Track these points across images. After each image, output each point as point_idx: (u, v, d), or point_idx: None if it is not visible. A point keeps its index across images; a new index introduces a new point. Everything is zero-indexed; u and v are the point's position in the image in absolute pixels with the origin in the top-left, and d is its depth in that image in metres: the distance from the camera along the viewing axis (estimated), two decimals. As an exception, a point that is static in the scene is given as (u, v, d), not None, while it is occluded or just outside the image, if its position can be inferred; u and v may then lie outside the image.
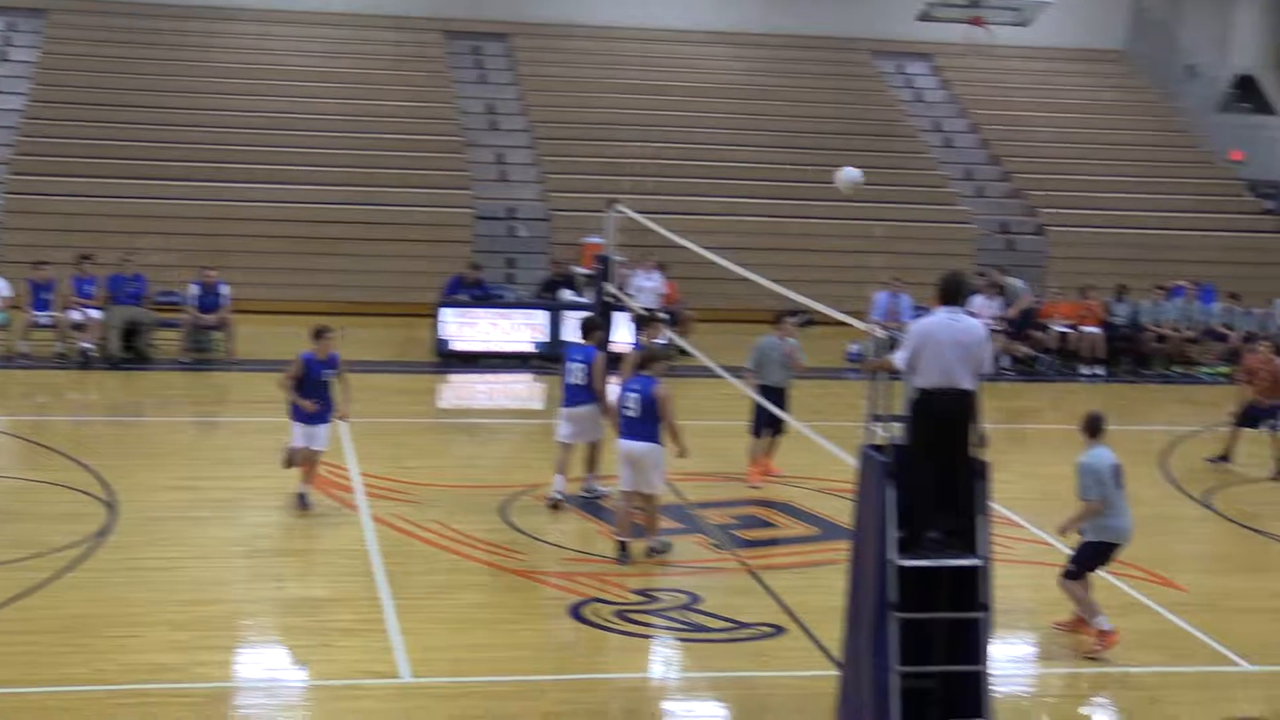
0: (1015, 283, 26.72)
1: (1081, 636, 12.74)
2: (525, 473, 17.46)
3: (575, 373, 16.06)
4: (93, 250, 24.42)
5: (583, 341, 16.32)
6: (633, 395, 14.25)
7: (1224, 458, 19.38)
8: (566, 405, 16.18)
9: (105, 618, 12.14)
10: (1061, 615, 13.06)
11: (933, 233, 31.09)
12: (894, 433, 10.77)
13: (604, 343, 16.60)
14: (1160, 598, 13.84)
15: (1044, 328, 26.18)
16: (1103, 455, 12.60)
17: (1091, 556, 12.69)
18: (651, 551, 14.30)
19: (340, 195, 29.97)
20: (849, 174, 15.46)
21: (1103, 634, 12.48)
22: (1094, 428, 12.80)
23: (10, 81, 32.56)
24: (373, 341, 25.66)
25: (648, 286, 24.91)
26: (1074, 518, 12.73)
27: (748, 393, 16.97)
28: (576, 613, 12.86)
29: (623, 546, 14.24)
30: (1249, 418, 19.38)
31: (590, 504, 16.22)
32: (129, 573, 13.36)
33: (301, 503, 15.37)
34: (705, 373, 17.83)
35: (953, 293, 10.95)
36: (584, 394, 16.02)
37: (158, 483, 16.33)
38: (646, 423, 14.07)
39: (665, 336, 19.47)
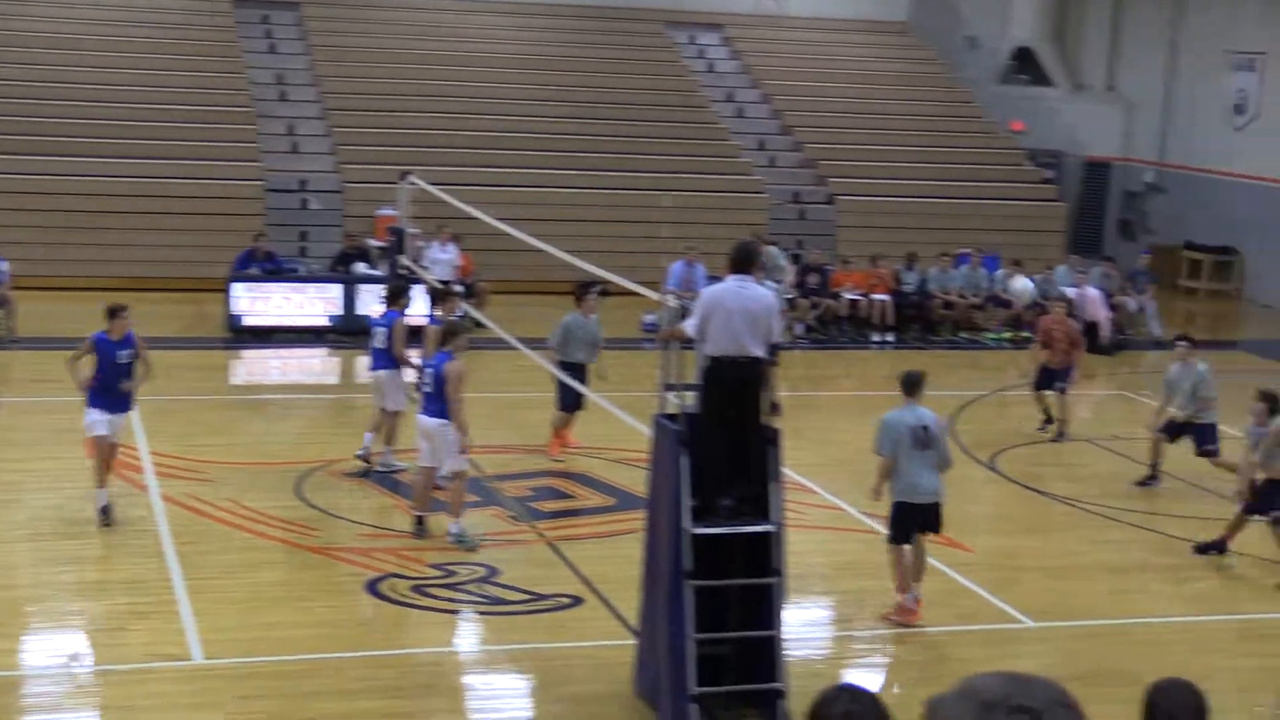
0: (773, 251, 26.79)
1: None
2: (320, 448, 17.29)
3: (378, 336, 16.33)
4: None
5: (386, 307, 16.69)
6: (429, 370, 14.18)
7: (1049, 421, 19.73)
8: (370, 369, 16.57)
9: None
10: (860, 580, 13.37)
11: (726, 202, 31.38)
12: (687, 401, 10.90)
13: (406, 308, 16.86)
14: (949, 559, 14.21)
15: (835, 295, 26.64)
16: (903, 415, 12.75)
17: (894, 518, 12.77)
18: (455, 539, 13.94)
19: (127, 168, 29.23)
20: None
21: (902, 609, 12.63)
22: (906, 386, 13.06)
23: None
24: (162, 317, 25.05)
25: (443, 259, 24.82)
26: (876, 477, 12.91)
27: (547, 367, 16.99)
28: (374, 589, 12.82)
29: (419, 521, 14.19)
30: (1042, 380, 19.71)
31: (387, 479, 16.12)
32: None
33: (104, 517, 14.04)
34: (502, 345, 17.83)
35: (743, 261, 11.08)
36: (385, 358, 16.21)
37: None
38: (441, 399, 13.95)
39: (461, 309, 19.47)
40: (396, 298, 16.81)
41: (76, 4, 33.47)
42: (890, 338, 26.42)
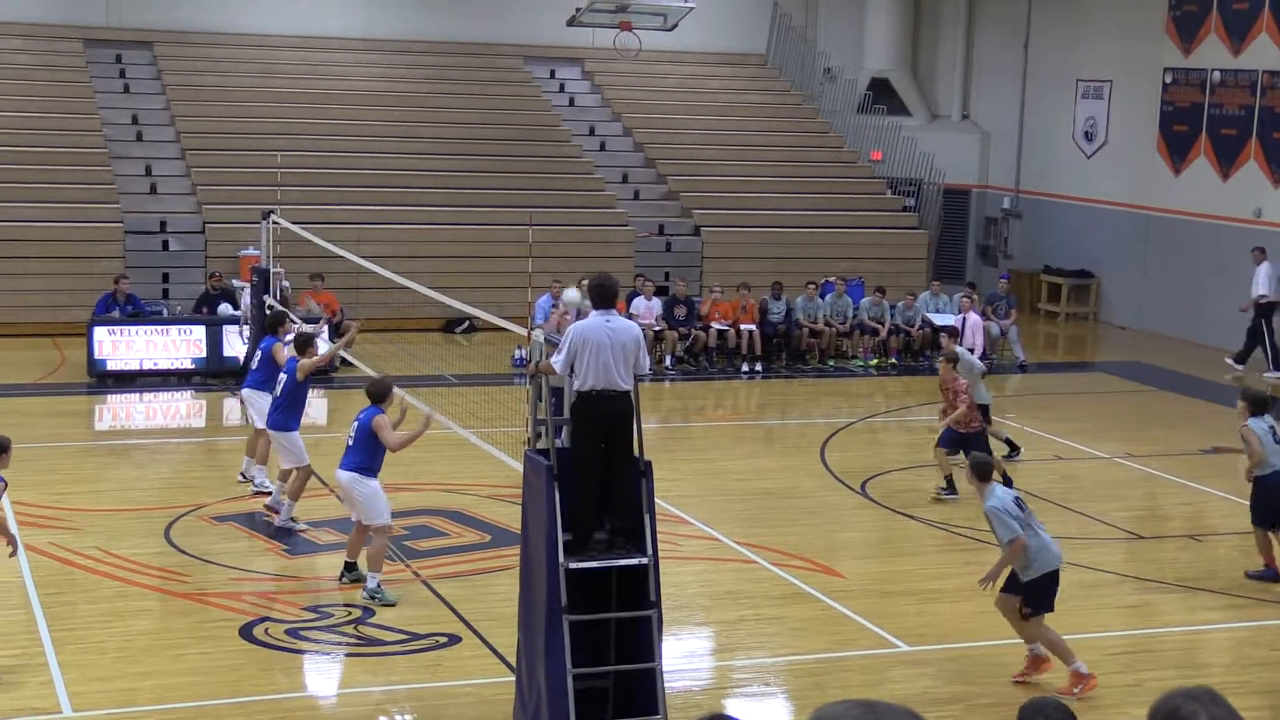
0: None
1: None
2: (189, 493, 17.06)
3: (256, 359, 17.42)
4: None
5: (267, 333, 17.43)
6: (355, 423, 13.85)
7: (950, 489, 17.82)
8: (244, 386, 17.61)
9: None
10: (738, 609, 13.44)
11: (592, 235, 31.49)
12: (557, 436, 10.93)
13: (284, 336, 17.28)
14: (822, 585, 14.35)
15: (704, 327, 26.80)
16: (1003, 495, 12.20)
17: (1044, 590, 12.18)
18: (370, 594, 13.46)
19: (-21, 212, 28.68)
20: (570, 295, 17.31)
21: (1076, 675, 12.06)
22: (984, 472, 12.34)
23: None
24: (20, 364, 24.65)
25: None
26: (998, 566, 12.14)
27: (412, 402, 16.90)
28: (248, 633, 12.65)
29: (349, 566, 13.94)
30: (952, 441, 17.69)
31: (255, 521, 15.96)
32: None
33: None
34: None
35: (605, 296, 11.19)
36: (256, 379, 17.13)
37: None
38: (360, 452, 13.62)
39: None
40: (275, 326, 17.45)
41: (-75, 46, 32.80)
42: (759, 367, 26.62)
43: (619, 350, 10.79)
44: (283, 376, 15.90)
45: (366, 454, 13.59)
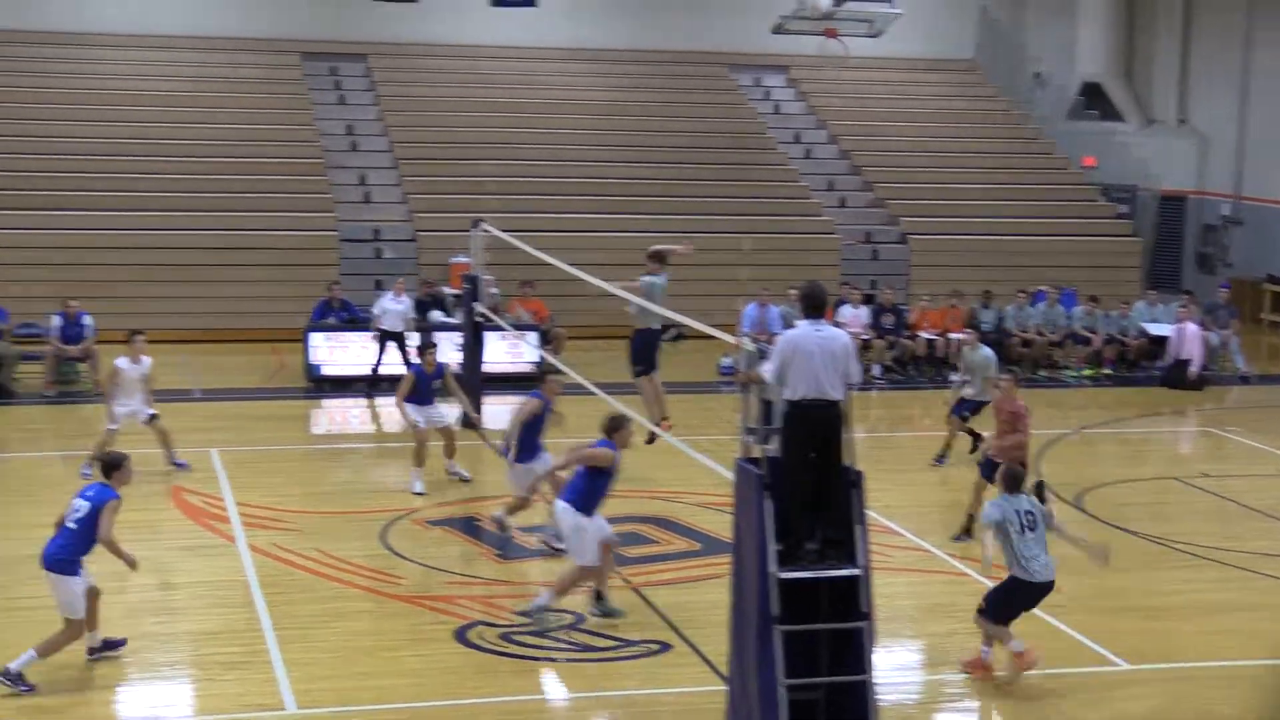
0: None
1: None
2: (403, 497, 17.39)
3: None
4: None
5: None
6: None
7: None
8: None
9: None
10: (949, 622, 13.28)
11: (798, 244, 31.42)
12: (768, 445, 10.90)
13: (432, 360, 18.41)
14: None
15: (912, 335, 26.57)
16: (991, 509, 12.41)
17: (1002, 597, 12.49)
18: (532, 610, 13.27)
19: (203, 221, 29.61)
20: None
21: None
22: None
23: None
24: (240, 368, 25.39)
25: (394, 309, 24.59)
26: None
27: (621, 409, 16.98)
28: (462, 637, 12.85)
29: (598, 595, 13.68)
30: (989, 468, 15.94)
31: (471, 526, 16.24)
32: (4, 613, 13.13)
33: None
34: (579, 390, 17.85)
35: (814, 304, 11.14)
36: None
37: (28, 519, 16.00)
38: (570, 482, 13.49)
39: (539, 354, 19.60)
40: (424, 350, 18.53)
41: (154, 62, 33.96)
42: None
43: (829, 359, 10.72)
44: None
45: (582, 487, 13.36)
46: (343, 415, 23.41)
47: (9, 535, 15.39)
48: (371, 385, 24.07)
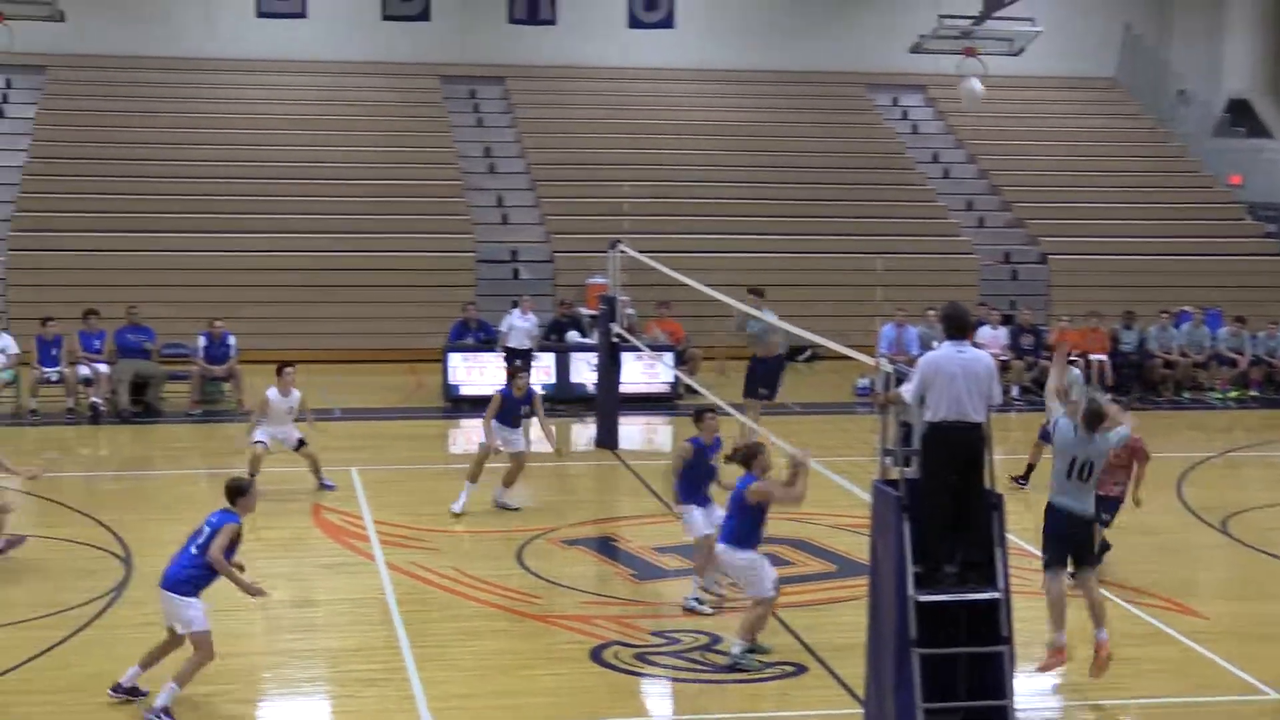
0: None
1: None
2: (539, 516, 17.47)
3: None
4: (98, 305, 24.45)
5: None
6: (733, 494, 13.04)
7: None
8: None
9: (122, 675, 12.09)
10: (1090, 648, 13.02)
11: (936, 264, 31.17)
12: (907, 467, 10.78)
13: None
14: (1182, 626, 13.81)
15: (1052, 357, 26.18)
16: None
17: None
18: (736, 659, 12.65)
19: (343, 243, 30.06)
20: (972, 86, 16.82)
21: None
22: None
23: (10, 139, 32.68)
24: (380, 388, 25.70)
25: (521, 327, 24.66)
26: None
27: (757, 429, 16.93)
28: (597, 656, 12.84)
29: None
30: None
31: (607, 546, 16.26)
32: (146, 629, 13.30)
33: None
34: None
35: (957, 325, 11.01)
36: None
37: (171, 536, 16.20)
38: (734, 521, 12.96)
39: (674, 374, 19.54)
40: (514, 374, 18.21)
41: (293, 87, 34.57)
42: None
43: (972, 380, 10.60)
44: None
45: (738, 523, 12.93)
46: (480, 435, 23.50)
47: (152, 552, 15.63)
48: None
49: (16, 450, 21.54)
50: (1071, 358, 26.06)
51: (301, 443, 18.52)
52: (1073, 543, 12.50)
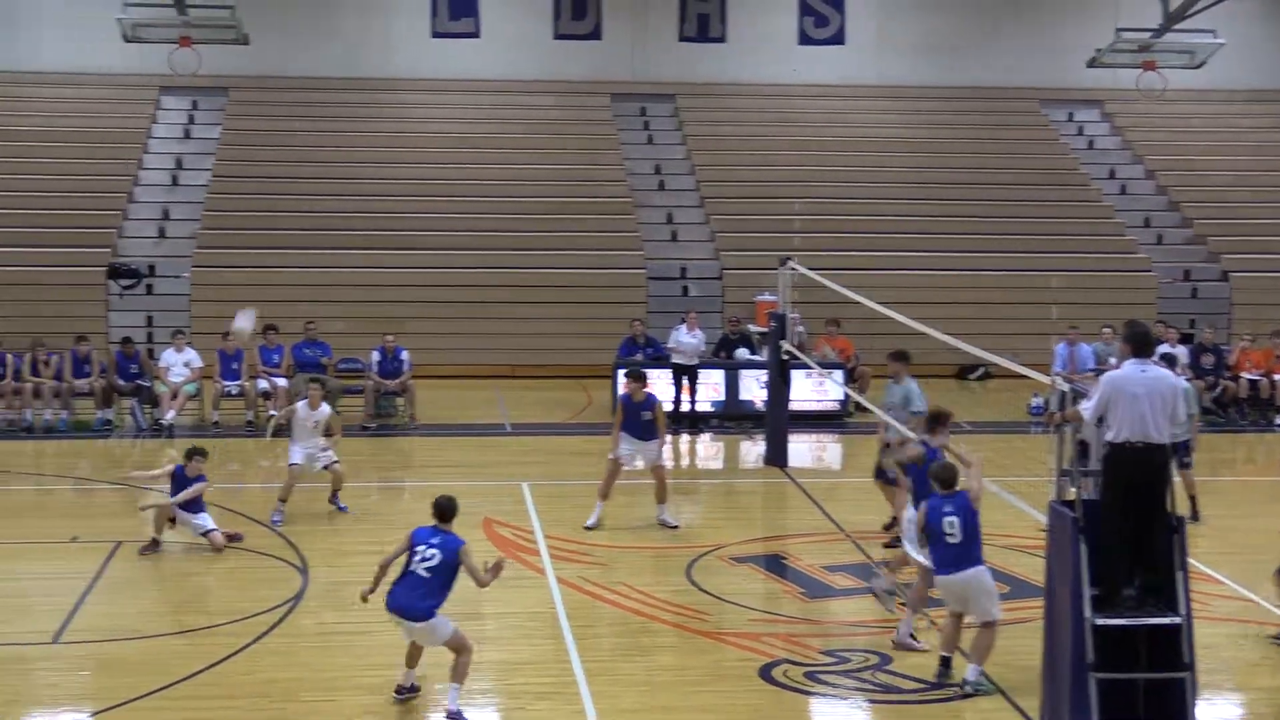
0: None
1: None
2: (709, 533, 17.46)
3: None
4: (277, 320, 24.98)
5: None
6: (950, 515, 12.57)
7: None
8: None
9: (301, 682, 12.33)
10: (1276, 677, 12.70)
11: (1112, 281, 30.62)
12: (1085, 488, 10.61)
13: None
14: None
15: (1234, 376, 25.59)
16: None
17: None
18: (974, 686, 12.34)
19: (514, 259, 30.36)
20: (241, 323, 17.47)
21: None
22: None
23: (196, 158, 33.56)
24: (550, 404, 25.89)
25: (689, 343, 24.57)
26: None
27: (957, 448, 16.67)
28: (766, 674, 12.78)
29: (945, 662, 12.80)
30: None
31: (776, 564, 16.17)
32: (323, 638, 13.58)
33: None
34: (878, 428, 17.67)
35: (1141, 344, 10.80)
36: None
37: (348, 547, 16.62)
38: (966, 544, 12.59)
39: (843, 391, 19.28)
40: (636, 378, 17.80)
41: (467, 105, 35.05)
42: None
43: (1156, 401, 10.40)
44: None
45: (977, 543, 12.67)
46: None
47: (327, 562, 15.95)
48: (674, 421, 24.27)
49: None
50: (1253, 377, 25.51)
51: (333, 462, 18.30)
52: None
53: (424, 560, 11.73)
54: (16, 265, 29.28)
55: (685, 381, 24.38)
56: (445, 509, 12.06)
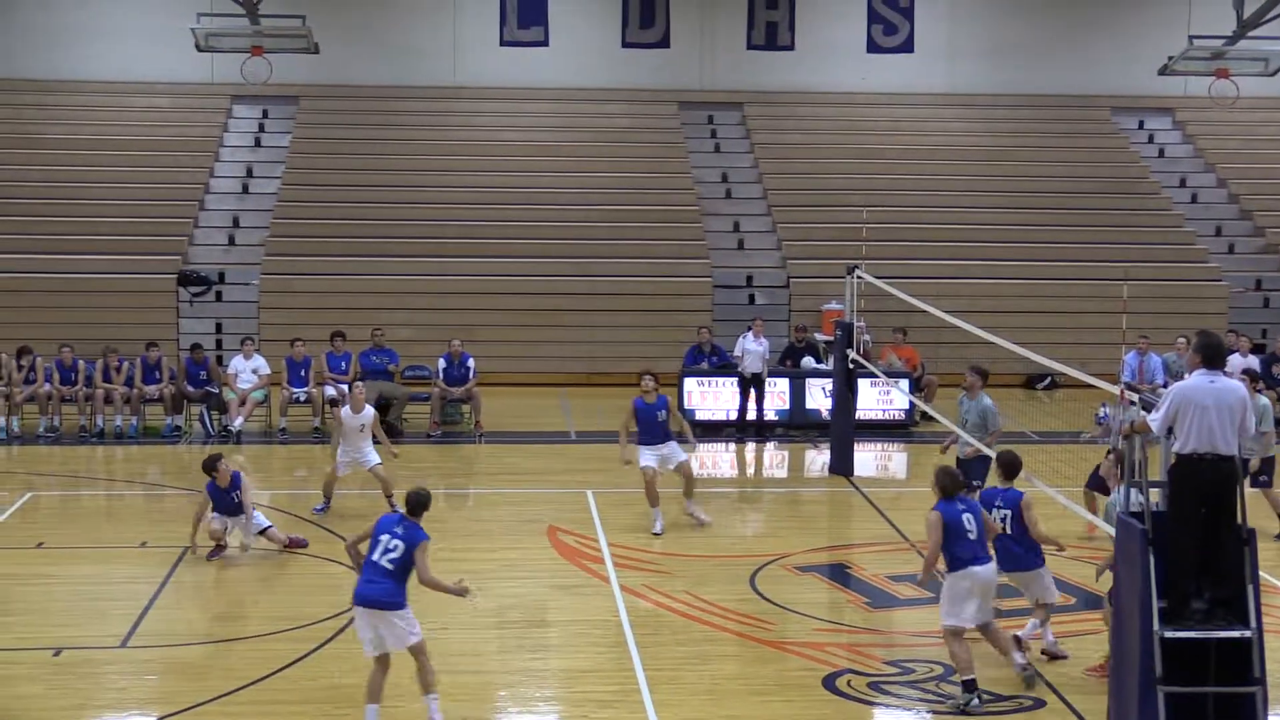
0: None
1: None
2: (773, 542, 17.42)
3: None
4: (345, 327, 25.14)
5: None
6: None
7: None
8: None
9: (366, 688, 12.37)
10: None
11: (1183, 291, 30.32)
12: (1154, 499, 10.52)
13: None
14: None
15: (1304, 386, 25.28)
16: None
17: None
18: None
19: (581, 267, 30.41)
20: None
21: None
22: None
23: (266, 166, 33.83)
24: (616, 411, 25.78)
25: (754, 350, 24.44)
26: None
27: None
28: (830, 684, 12.74)
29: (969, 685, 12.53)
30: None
31: (840, 573, 16.10)
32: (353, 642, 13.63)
33: None
34: (945, 438, 17.59)
35: (1212, 354, 10.70)
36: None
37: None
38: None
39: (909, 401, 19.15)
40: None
41: (534, 113, 35.12)
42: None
43: (1225, 412, 10.31)
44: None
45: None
46: (714, 459, 23.61)
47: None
48: (740, 429, 24.26)
49: (266, 467, 22.30)
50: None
51: (374, 466, 18.44)
52: None
53: (387, 552, 11.57)
54: (89, 272, 29.61)
55: (751, 390, 24.35)
56: (414, 502, 11.84)
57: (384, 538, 11.61)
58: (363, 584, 11.57)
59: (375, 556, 11.58)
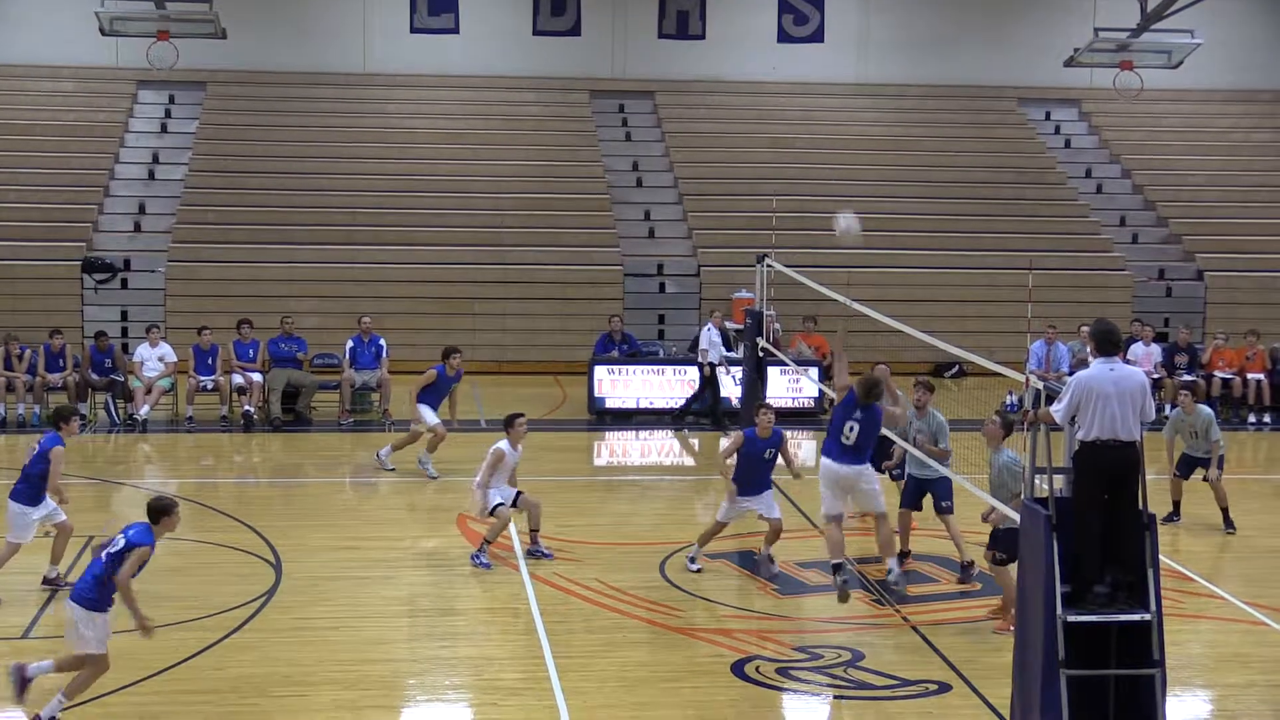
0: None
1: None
2: (682, 529, 17.43)
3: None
4: (252, 315, 24.92)
5: None
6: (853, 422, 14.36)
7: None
8: None
9: (273, 677, 12.31)
10: (1247, 673, 12.73)
11: (1088, 280, 30.69)
12: (1056, 485, 10.65)
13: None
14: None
15: (1207, 376, 25.67)
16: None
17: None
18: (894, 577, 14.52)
19: (491, 255, 30.32)
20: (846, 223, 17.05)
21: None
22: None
23: (172, 153, 33.45)
24: (528, 399, 25.82)
25: (716, 342, 24.55)
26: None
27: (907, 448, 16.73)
28: (739, 670, 12.79)
29: (838, 568, 14.02)
30: None
31: (749, 560, 16.16)
32: (295, 633, 13.55)
33: None
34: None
35: (1104, 341, 10.86)
36: None
37: (321, 543, 16.60)
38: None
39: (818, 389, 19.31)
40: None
41: (446, 101, 34.98)
42: (1267, 419, 25.27)
43: (1126, 399, 10.45)
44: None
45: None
46: (624, 447, 23.64)
47: (301, 558, 15.92)
48: (714, 420, 24.25)
49: (172, 456, 22.07)
50: (1226, 376, 25.60)
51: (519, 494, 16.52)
52: None
53: (110, 545, 11.39)
54: (-9, 259, 29.18)
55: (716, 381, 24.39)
56: (153, 508, 11.46)
57: (118, 537, 11.40)
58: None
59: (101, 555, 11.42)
